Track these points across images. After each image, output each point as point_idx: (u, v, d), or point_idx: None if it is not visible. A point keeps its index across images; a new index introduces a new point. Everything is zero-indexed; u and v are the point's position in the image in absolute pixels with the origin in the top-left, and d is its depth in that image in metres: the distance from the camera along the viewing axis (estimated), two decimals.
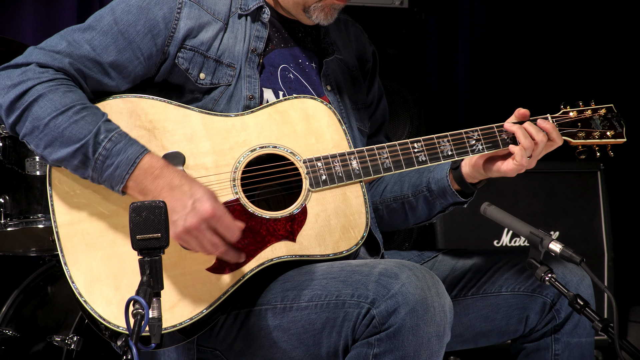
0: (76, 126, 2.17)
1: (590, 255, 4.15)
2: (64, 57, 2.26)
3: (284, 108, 2.38)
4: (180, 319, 2.14)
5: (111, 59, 2.30)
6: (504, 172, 2.43)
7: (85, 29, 2.32)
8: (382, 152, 2.38)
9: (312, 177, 2.32)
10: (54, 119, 2.17)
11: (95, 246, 2.18)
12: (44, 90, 2.19)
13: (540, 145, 2.41)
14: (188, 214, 2.11)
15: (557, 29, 5.08)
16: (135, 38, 2.32)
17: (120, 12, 2.34)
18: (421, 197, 2.57)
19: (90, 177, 2.19)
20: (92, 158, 2.16)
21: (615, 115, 2.54)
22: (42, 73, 2.22)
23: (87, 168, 2.17)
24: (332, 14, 2.47)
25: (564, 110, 2.52)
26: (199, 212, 2.11)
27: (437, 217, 2.62)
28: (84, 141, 2.15)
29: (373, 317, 2.08)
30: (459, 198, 2.52)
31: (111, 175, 2.16)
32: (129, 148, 2.16)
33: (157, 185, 2.14)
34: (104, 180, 2.18)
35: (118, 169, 2.15)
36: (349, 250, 2.29)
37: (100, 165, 2.16)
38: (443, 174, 2.51)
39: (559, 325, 2.45)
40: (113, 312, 2.13)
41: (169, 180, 2.15)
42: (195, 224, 2.11)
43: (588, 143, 2.51)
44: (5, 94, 2.21)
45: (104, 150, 2.16)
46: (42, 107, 2.18)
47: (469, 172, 2.48)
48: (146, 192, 2.15)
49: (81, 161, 2.17)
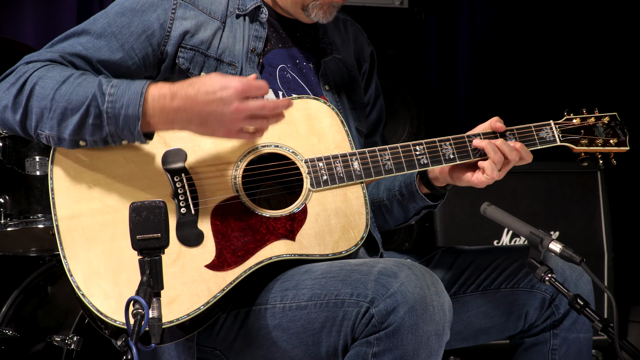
0: (80, 88, 2.18)
1: (590, 255, 4.15)
2: (54, 53, 2.29)
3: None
4: (177, 315, 2.14)
5: (102, 57, 2.31)
6: (474, 184, 2.43)
7: (79, 33, 2.34)
8: (384, 153, 2.38)
9: (313, 177, 2.33)
10: (58, 90, 2.18)
11: (95, 241, 2.18)
12: (41, 73, 2.21)
13: (512, 163, 2.40)
14: (225, 104, 2.12)
15: (558, 29, 5.08)
16: (129, 39, 2.33)
17: (114, 15, 2.35)
18: (394, 200, 2.59)
19: (109, 134, 2.18)
20: (104, 109, 2.15)
21: (618, 124, 2.54)
22: (34, 64, 2.25)
23: (103, 124, 2.16)
24: (330, 12, 2.47)
25: (567, 117, 2.53)
26: (232, 95, 2.12)
27: (414, 219, 2.63)
28: (91, 96, 2.16)
29: (372, 316, 2.08)
30: (427, 202, 2.53)
31: (126, 117, 2.15)
32: (131, 85, 2.16)
33: (178, 105, 2.14)
34: (122, 128, 2.16)
35: (130, 107, 2.15)
36: (348, 250, 2.29)
37: (112, 112, 2.15)
38: (412, 178, 2.53)
39: (558, 320, 2.45)
40: (111, 306, 2.13)
41: (185, 93, 2.14)
42: (237, 105, 2.12)
43: (591, 150, 2.52)
44: (7, 95, 2.22)
45: (110, 97, 2.15)
46: (44, 86, 2.19)
47: (436, 176, 2.50)
48: (173, 117, 2.15)
49: (95, 117, 2.16)
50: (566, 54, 5.08)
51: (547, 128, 2.50)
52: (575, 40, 5.07)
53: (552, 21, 5.08)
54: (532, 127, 2.49)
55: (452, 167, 2.45)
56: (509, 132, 2.45)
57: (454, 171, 2.46)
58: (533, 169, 4.30)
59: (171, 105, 2.15)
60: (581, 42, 5.07)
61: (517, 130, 2.47)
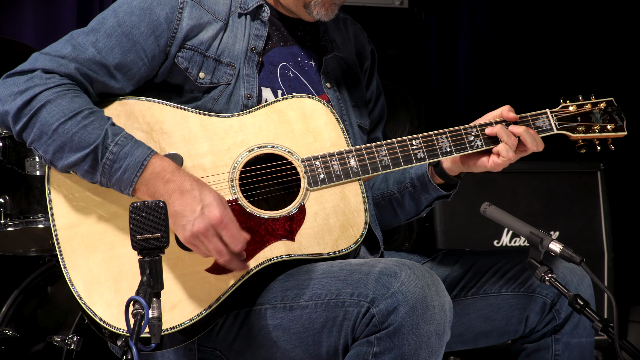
0: (85, 131, 2.17)
1: (590, 255, 4.15)
2: (70, 62, 2.26)
3: (282, 107, 2.38)
4: (180, 320, 2.14)
5: (116, 61, 2.30)
6: (490, 168, 2.44)
7: (89, 32, 2.32)
8: (380, 149, 2.39)
9: (310, 176, 2.33)
10: (63, 124, 2.17)
11: (95, 249, 2.18)
12: (52, 96, 2.19)
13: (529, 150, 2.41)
14: (196, 219, 2.11)
15: (557, 29, 5.08)
16: (140, 39, 2.33)
17: (123, 14, 2.34)
18: (406, 193, 2.58)
19: (99, 181, 2.19)
20: (100, 163, 2.16)
21: (615, 109, 2.52)
22: (49, 79, 2.22)
23: (96, 173, 2.17)
24: (332, 9, 2.48)
25: (563, 105, 2.51)
26: (206, 218, 2.11)
27: (425, 211, 2.63)
28: (93, 146, 2.15)
29: (373, 315, 2.07)
30: (441, 192, 2.53)
31: (120, 179, 2.16)
32: (135, 151, 2.16)
33: (167, 189, 2.14)
34: (113, 184, 2.18)
35: (126, 173, 2.15)
36: (348, 248, 2.29)
37: (109, 170, 2.16)
38: (424, 169, 2.53)
39: (559, 325, 2.45)
40: (113, 314, 2.13)
41: (180, 185, 2.15)
42: (202, 229, 2.11)
43: (588, 137, 2.49)
44: (12, 101, 2.20)
45: (111, 155, 2.16)
46: (50, 113, 2.18)
47: (449, 166, 2.50)
48: (157, 196, 2.15)
49: (90, 166, 2.17)
50: (566, 54, 5.08)
51: (543, 117, 2.49)
52: (576, 41, 5.07)
53: (552, 21, 5.08)
54: (529, 116, 2.49)
55: (464, 156, 2.45)
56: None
57: (469, 159, 2.46)
58: (533, 169, 4.30)
59: (162, 188, 2.15)
60: (581, 43, 5.07)
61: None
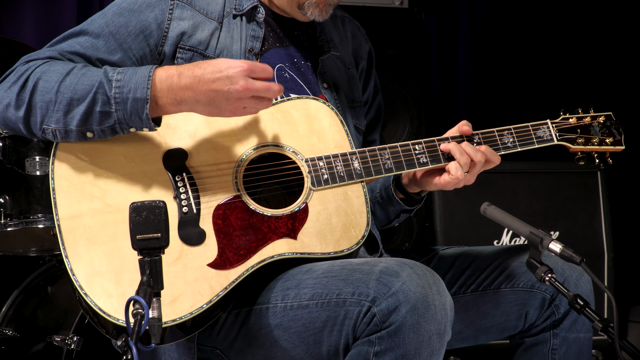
0: (85, 78, 2.19)
1: (590, 255, 4.15)
2: (54, 52, 2.30)
3: (286, 108, 2.39)
4: (180, 314, 2.14)
5: (101, 57, 2.32)
6: (441, 186, 2.42)
7: (77, 33, 2.34)
8: (384, 152, 2.39)
9: (314, 176, 2.33)
10: (62, 82, 2.19)
11: (97, 240, 2.18)
12: (43, 69, 2.22)
13: (478, 165, 2.39)
14: (231, 78, 2.13)
15: (558, 29, 5.08)
16: (127, 39, 2.34)
17: (112, 15, 2.36)
18: (376, 202, 2.61)
19: (117, 120, 2.18)
20: (111, 95, 2.16)
21: (614, 123, 2.57)
22: (34, 62, 2.26)
23: (111, 110, 2.17)
24: (326, 9, 2.48)
25: (563, 117, 2.56)
26: (236, 72, 2.13)
27: (395, 221, 2.64)
28: (97, 84, 2.16)
29: (374, 315, 2.08)
30: (404, 206, 2.55)
31: (134, 101, 2.15)
32: (138, 70, 2.18)
33: (185, 85, 2.15)
34: (131, 113, 2.17)
35: (138, 90, 2.15)
36: (350, 249, 2.29)
37: (120, 97, 2.16)
38: (388, 182, 2.55)
39: (558, 320, 2.45)
40: (113, 305, 2.13)
41: (192, 73, 2.15)
42: (242, 80, 2.13)
43: (587, 149, 2.55)
44: (9, 94, 2.23)
45: (117, 83, 2.16)
46: (47, 80, 2.20)
47: (406, 182, 2.52)
48: (180, 97, 2.16)
49: (102, 105, 2.17)
50: (566, 54, 5.08)
51: (544, 127, 2.51)
52: (576, 41, 5.07)
53: (552, 21, 5.08)
54: (530, 126, 2.50)
55: (422, 173, 2.46)
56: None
57: (424, 176, 2.47)
58: (533, 169, 4.30)
59: (179, 84, 2.16)
60: (581, 43, 5.07)
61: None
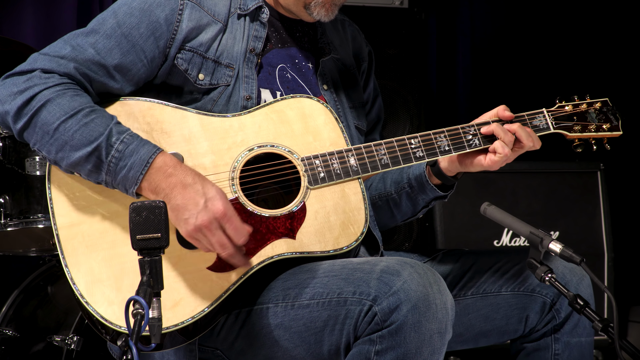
0: (86, 129, 2.17)
1: (590, 255, 4.15)
2: (69, 62, 2.26)
3: (281, 107, 2.38)
4: (182, 318, 2.14)
5: (115, 61, 2.30)
6: (488, 166, 2.44)
7: (88, 33, 2.32)
8: (380, 148, 2.39)
9: (311, 174, 2.33)
10: (64, 122, 2.17)
11: (96, 248, 2.18)
12: (51, 95, 2.19)
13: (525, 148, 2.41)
14: (200, 212, 2.11)
15: (557, 29, 5.08)
16: (139, 41, 2.33)
17: (123, 15, 2.34)
18: (403, 193, 2.58)
19: (104, 181, 2.18)
20: (106, 161, 2.15)
21: (610, 109, 2.55)
22: (48, 79, 2.22)
23: (101, 172, 2.17)
24: (332, 9, 2.48)
25: (559, 105, 2.54)
26: (210, 211, 2.11)
27: (422, 212, 2.63)
28: (96, 144, 2.15)
29: (375, 314, 2.08)
30: (438, 192, 2.53)
31: (125, 177, 2.16)
32: (141, 149, 2.16)
33: (169, 184, 2.14)
34: (118, 183, 2.17)
35: (132, 170, 2.15)
36: (349, 246, 2.29)
37: (114, 168, 2.16)
38: (421, 170, 2.53)
39: (558, 325, 2.45)
40: (115, 312, 2.13)
41: (182, 178, 2.14)
42: (206, 222, 2.11)
43: (584, 136, 2.52)
44: (12, 101, 2.20)
45: (116, 153, 2.15)
46: (51, 112, 2.18)
47: (446, 166, 2.50)
48: (158, 191, 2.15)
49: (94, 165, 2.17)
50: (566, 55, 5.08)
51: (540, 116, 2.51)
52: (576, 41, 5.07)
53: (552, 21, 5.08)
54: (526, 115, 2.50)
55: (461, 155, 2.46)
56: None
57: (465, 158, 2.46)
58: (533, 169, 4.30)
59: (164, 182, 2.15)
60: (581, 43, 5.07)
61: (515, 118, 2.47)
